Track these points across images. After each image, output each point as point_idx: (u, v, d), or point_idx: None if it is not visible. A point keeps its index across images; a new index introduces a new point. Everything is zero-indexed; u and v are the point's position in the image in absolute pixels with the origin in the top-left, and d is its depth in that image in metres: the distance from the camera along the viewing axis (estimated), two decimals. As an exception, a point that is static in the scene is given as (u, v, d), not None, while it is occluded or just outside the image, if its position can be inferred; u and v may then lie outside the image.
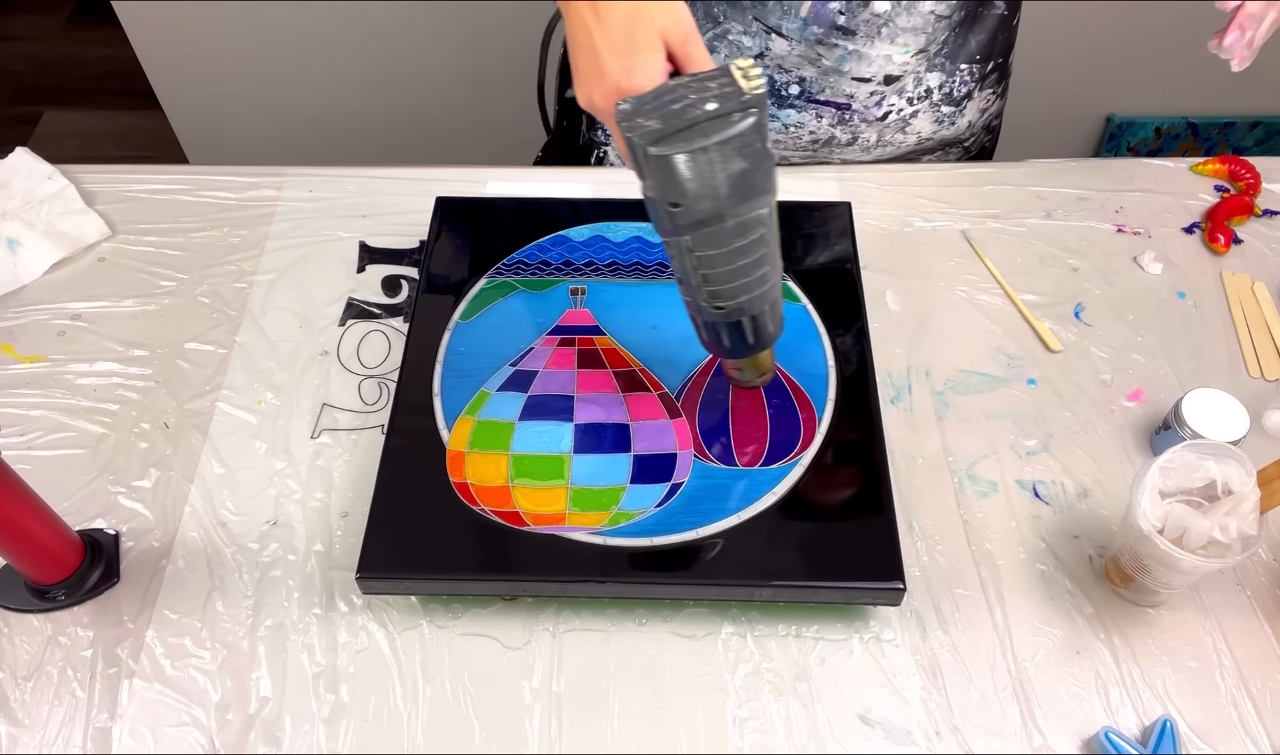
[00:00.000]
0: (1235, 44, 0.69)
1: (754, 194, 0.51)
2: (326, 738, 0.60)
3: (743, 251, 0.53)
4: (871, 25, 0.80)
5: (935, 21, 0.81)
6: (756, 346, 0.61)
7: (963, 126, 0.92)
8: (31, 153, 0.89)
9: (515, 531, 0.63)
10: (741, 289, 0.55)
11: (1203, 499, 0.60)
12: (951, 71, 0.87)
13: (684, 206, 0.50)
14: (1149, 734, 0.60)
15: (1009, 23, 0.88)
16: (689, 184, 0.49)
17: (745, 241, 0.53)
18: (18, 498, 0.60)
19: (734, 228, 0.52)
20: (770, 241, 0.54)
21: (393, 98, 1.66)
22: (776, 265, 0.56)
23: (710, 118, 0.48)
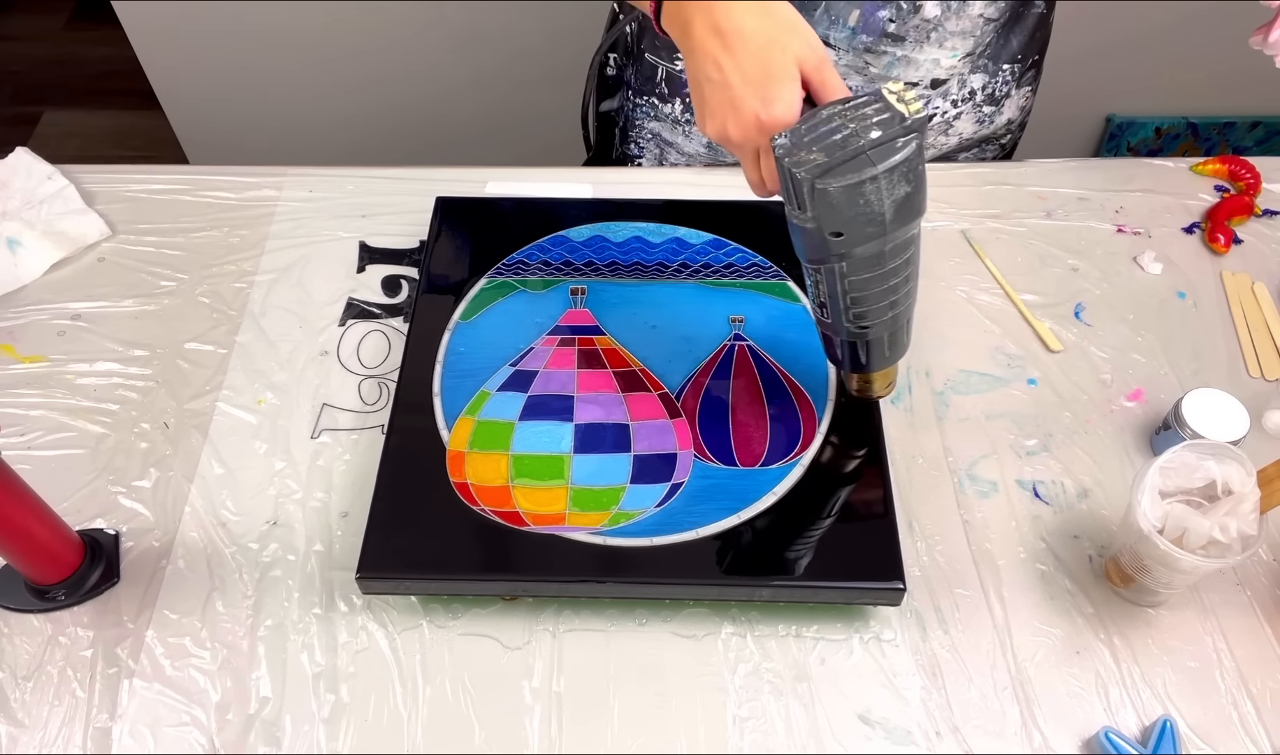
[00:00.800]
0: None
1: (913, 215, 0.51)
2: (326, 738, 0.60)
3: (896, 271, 0.54)
4: (921, 30, 0.79)
5: (984, 25, 0.81)
6: (892, 358, 0.62)
7: (1000, 124, 0.92)
8: (31, 153, 0.89)
9: (515, 531, 0.63)
10: (888, 307, 0.56)
11: (1203, 499, 0.60)
12: (994, 72, 0.87)
13: (846, 235, 0.51)
14: (1149, 734, 0.60)
15: (1046, 21, 0.88)
16: (854, 214, 0.50)
17: (899, 261, 0.53)
18: (18, 498, 0.60)
19: (891, 251, 0.52)
20: (918, 256, 0.55)
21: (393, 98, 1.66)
22: (918, 276, 0.57)
23: (875, 146, 0.48)
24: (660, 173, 0.92)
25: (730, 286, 0.76)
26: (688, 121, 0.90)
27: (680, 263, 0.78)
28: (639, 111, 0.92)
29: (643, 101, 0.91)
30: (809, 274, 0.57)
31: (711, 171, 0.91)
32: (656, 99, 0.90)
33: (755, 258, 0.78)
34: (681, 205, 0.82)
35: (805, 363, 0.71)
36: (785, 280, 0.76)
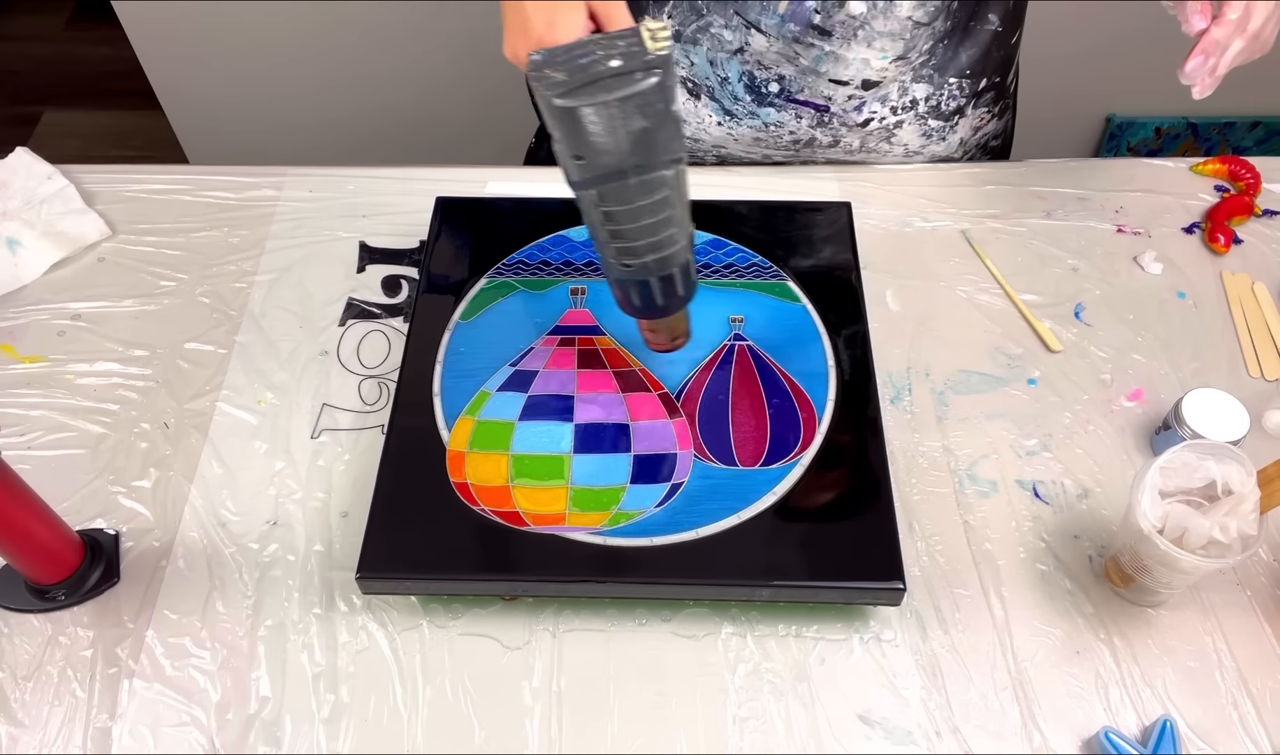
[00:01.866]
0: (1198, 71, 0.66)
1: (657, 154, 0.52)
2: (326, 738, 0.60)
3: (648, 210, 0.55)
4: (848, 27, 0.79)
5: (914, 28, 0.80)
6: (665, 308, 0.62)
7: (954, 144, 0.91)
8: (31, 153, 0.89)
9: (515, 531, 0.63)
10: (648, 248, 0.57)
11: (1203, 499, 0.60)
12: (940, 84, 0.86)
13: (587, 160, 0.52)
14: (1149, 734, 0.60)
15: (1005, 41, 0.87)
16: (591, 138, 0.51)
17: (649, 201, 0.54)
18: (18, 498, 0.60)
19: (636, 186, 0.53)
20: (676, 204, 0.56)
21: (393, 98, 1.66)
22: (685, 228, 0.58)
23: (614, 74, 0.50)
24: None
25: (730, 286, 0.76)
26: None
27: (680, 263, 0.78)
28: None
29: None
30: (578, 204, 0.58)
31: (711, 171, 0.91)
32: None
33: (755, 258, 0.78)
34: (681, 205, 0.82)
35: (805, 363, 0.71)
36: (785, 280, 0.76)
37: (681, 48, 0.85)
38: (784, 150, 0.90)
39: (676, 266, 0.60)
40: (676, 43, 0.84)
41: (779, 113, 0.87)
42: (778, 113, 0.87)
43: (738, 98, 0.86)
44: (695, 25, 0.84)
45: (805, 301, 0.75)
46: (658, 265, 0.59)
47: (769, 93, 0.85)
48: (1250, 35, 0.66)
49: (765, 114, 0.87)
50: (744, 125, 0.88)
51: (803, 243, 0.79)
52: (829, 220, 0.80)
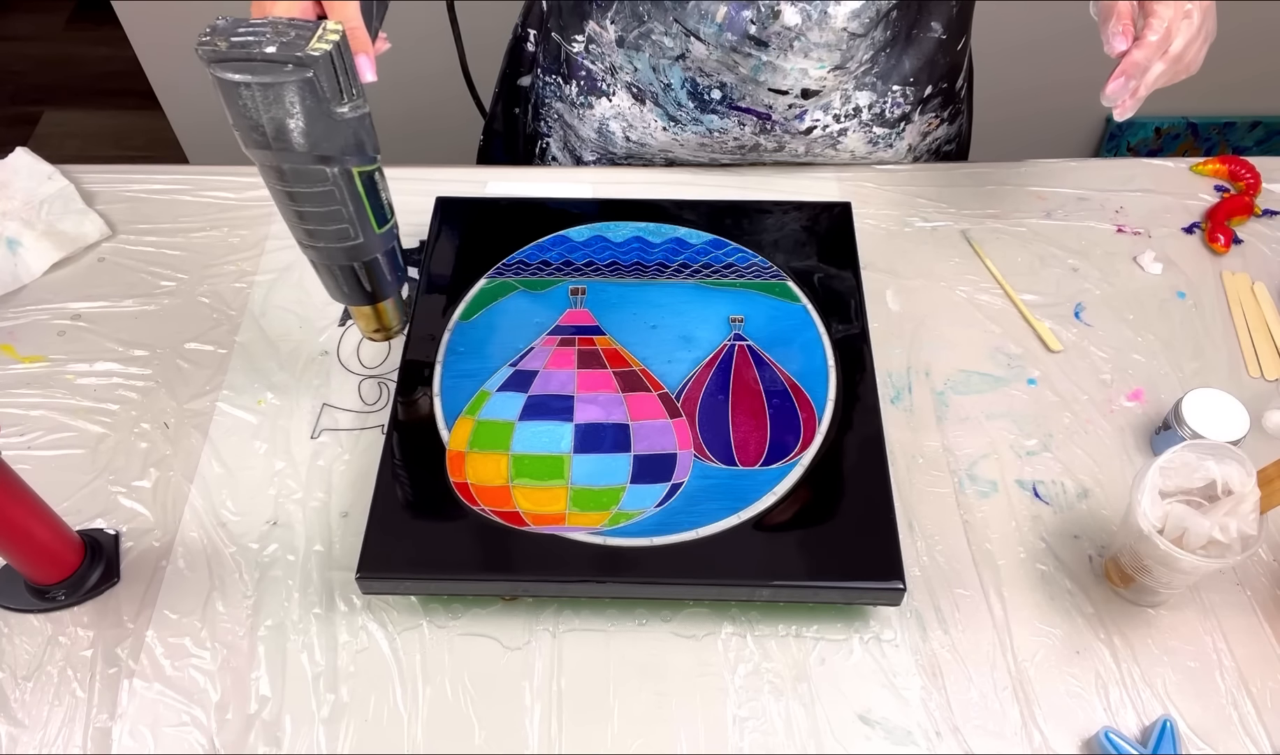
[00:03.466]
0: (1118, 92, 0.65)
1: (298, 148, 0.53)
2: (326, 738, 0.60)
3: (310, 198, 0.55)
4: (783, 38, 0.78)
5: (850, 39, 0.79)
6: (352, 298, 0.63)
7: (902, 150, 0.91)
8: (31, 153, 0.89)
9: (515, 531, 0.63)
10: (320, 236, 0.58)
11: (1203, 499, 0.60)
12: (883, 92, 0.85)
13: (239, 132, 0.53)
14: (1149, 734, 0.60)
15: (950, 47, 0.86)
16: (233, 112, 0.52)
17: (310, 190, 0.55)
18: (18, 498, 0.60)
19: (292, 174, 0.54)
20: (348, 204, 0.56)
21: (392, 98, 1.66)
22: (365, 230, 0.58)
23: (264, 59, 0.50)
24: (660, 173, 0.92)
25: (730, 286, 0.76)
26: (582, 105, 0.90)
27: (680, 263, 0.78)
28: (547, 90, 0.94)
29: (550, 80, 0.93)
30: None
31: (711, 172, 0.91)
32: (560, 78, 0.91)
33: (755, 258, 0.78)
34: (681, 205, 0.82)
35: (805, 363, 0.71)
36: (785, 280, 0.76)
37: (625, 53, 0.85)
38: (730, 155, 0.90)
39: (356, 262, 0.60)
40: (620, 48, 0.85)
41: (722, 120, 0.86)
42: (721, 120, 0.86)
43: (681, 104, 0.86)
44: (637, 31, 0.83)
45: (805, 301, 0.75)
46: (333, 255, 0.59)
47: (711, 100, 0.85)
48: (1171, 58, 0.65)
49: (709, 120, 0.87)
50: (689, 131, 0.88)
51: (803, 243, 0.79)
52: (829, 220, 0.80)
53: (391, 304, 0.65)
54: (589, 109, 0.90)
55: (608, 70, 0.87)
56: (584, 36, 0.87)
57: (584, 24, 0.86)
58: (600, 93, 0.89)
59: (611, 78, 0.87)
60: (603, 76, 0.88)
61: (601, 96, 0.89)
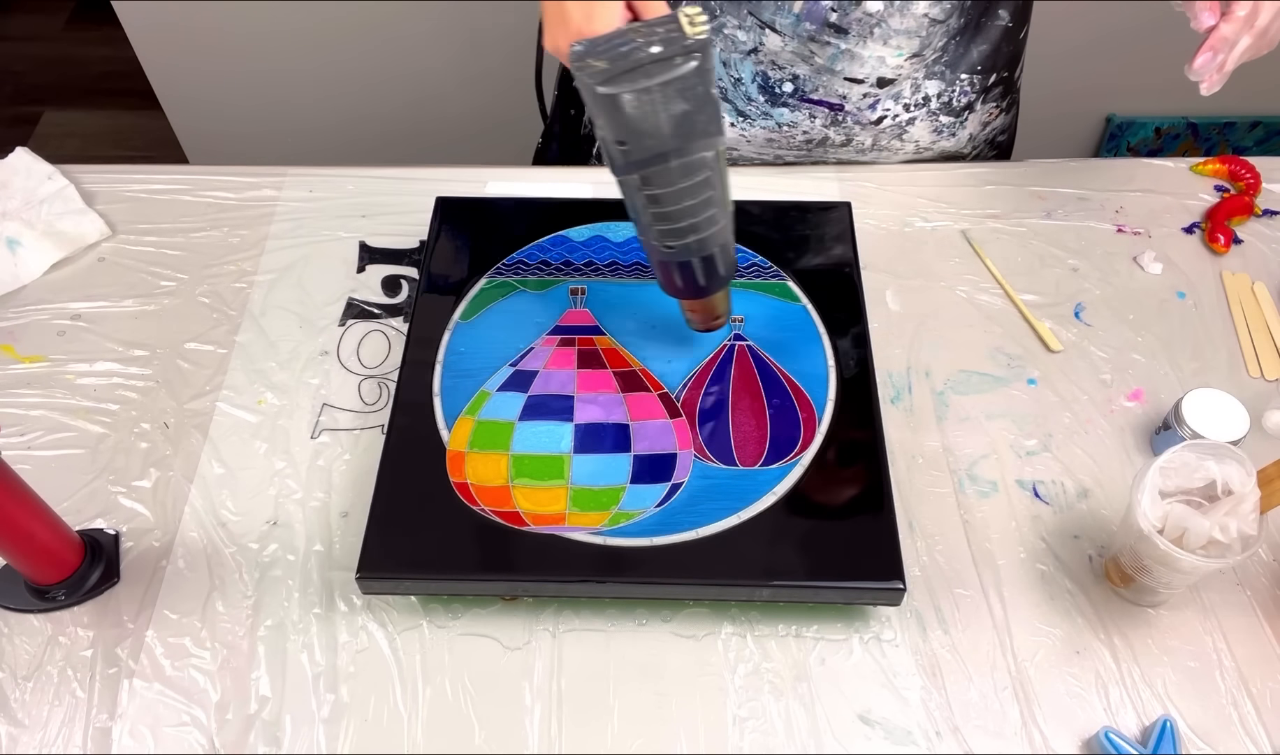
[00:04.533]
0: (1206, 67, 0.67)
1: (697, 136, 0.54)
2: (326, 738, 0.60)
3: (689, 192, 0.56)
4: (864, 24, 0.79)
5: (930, 25, 0.80)
6: (708, 288, 0.64)
7: (964, 139, 0.91)
8: (31, 153, 0.89)
9: (515, 531, 0.63)
10: (690, 229, 0.58)
11: (1203, 499, 0.60)
12: (951, 81, 0.86)
13: (630, 145, 0.53)
14: (1149, 734, 0.60)
15: (1014, 36, 0.87)
16: (633, 123, 0.52)
17: (691, 182, 0.55)
18: (18, 498, 0.60)
19: (679, 168, 0.55)
20: (717, 184, 0.57)
21: (393, 98, 1.66)
22: (725, 208, 0.60)
23: (654, 60, 0.51)
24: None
25: (730, 286, 0.76)
26: None
27: (680, 263, 0.78)
28: None
29: None
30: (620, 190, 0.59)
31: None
32: None
33: (755, 258, 0.78)
34: (681, 205, 0.82)
35: (805, 363, 0.71)
36: (785, 280, 0.76)
37: None
38: (796, 150, 0.91)
39: (717, 246, 0.61)
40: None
41: (793, 113, 0.87)
42: (791, 113, 0.87)
43: (751, 98, 0.86)
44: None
45: (805, 301, 0.75)
46: (699, 245, 0.60)
47: (783, 93, 0.86)
48: (1258, 32, 0.66)
49: (779, 114, 0.87)
50: (757, 126, 0.88)
51: (803, 242, 0.79)
52: (829, 220, 0.80)
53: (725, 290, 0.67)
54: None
55: None
56: None
57: None
58: None
59: None
60: None
61: None
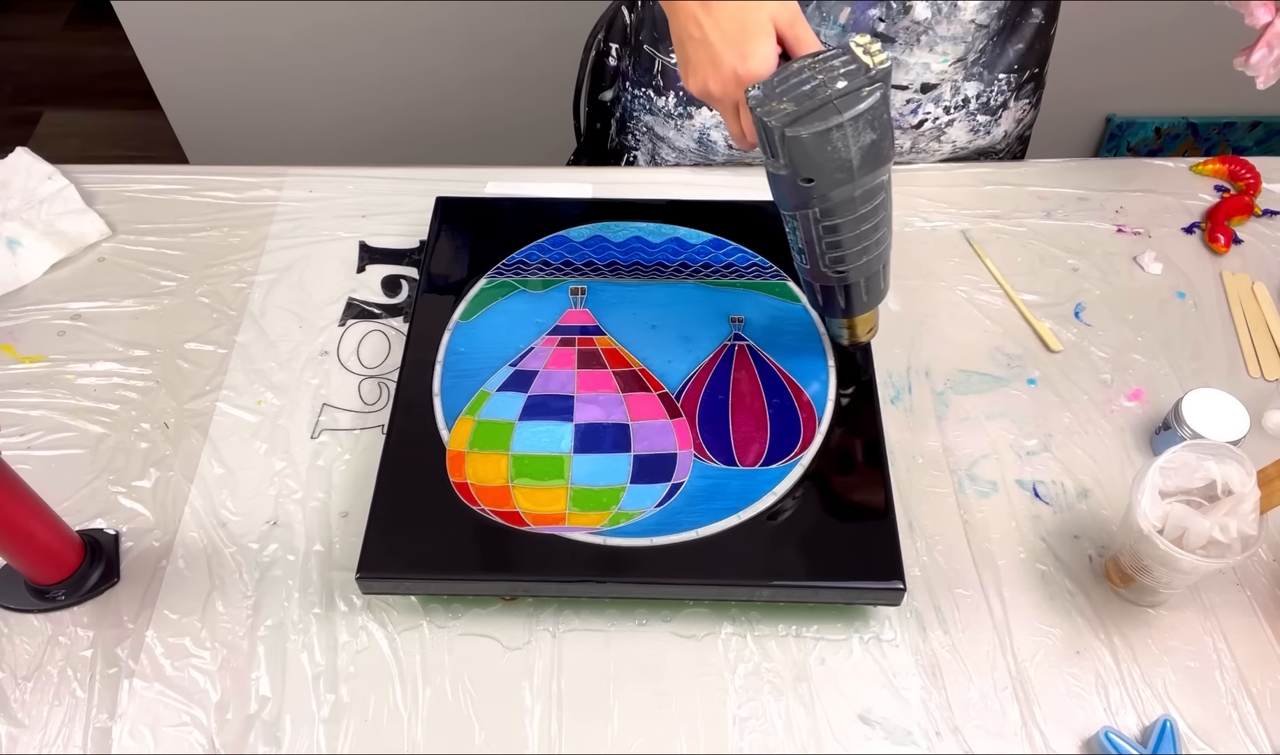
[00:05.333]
0: (1263, 62, 0.68)
1: (880, 162, 0.55)
2: (326, 738, 0.60)
3: (866, 217, 0.57)
4: (911, 32, 0.79)
5: (975, 31, 0.81)
6: (870, 303, 0.66)
7: (998, 136, 0.91)
8: (31, 153, 0.89)
9: (515, 531, 0.63)
10: (862, 252, 0.60)
11: (1203, 499, 0.60)
12: (990, 81, 0.86)
13: (818, 181, 0.54)
14: (1149, 734, 0.60)
15: (1046, 32, 0.88)
16: (823, 160, 0.53)
17: (869, 207, 0.57)
18: (18, 498, 0.60)
19: (861, 196, 0.56)
20: (888, 205, 0.58)
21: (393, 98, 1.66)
22: (890, 224, 0.61)
23: (841, 95, 0.52)
24: (660, 173, 0.92)
25: (730, 286, 0.76)
26: (680, 115, 0.90)
27: (680, 263, 0.78)
28: (635, 104, 0.93)
29: (640, 93, 0.92)
30: (788, 222, 0.60)
31: (711, 171, 0.91)
32: (652, 92, 0.91)
33: (755, 258, 0.78)
34: (681, 205, 0.82)
35: (805, 363, 0.71)
36: (785, 280, 0.76)
37: None
38: None
39: (883, 264, 0.62)
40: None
41: None
42: None
43: None
44: None
45: (805, 301, 0.75)
46: (869, 265, 0.61)
47: None
48: None
49: None
50: None
51: (803, 243, 0.79)
52: (829, 220, 0.80)
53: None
54: (688, 119, 0.89)
55: None
56: None
57: None
58: (699, 102, 0.88)
59: None
60: None
61: (702, 106, 0.88)
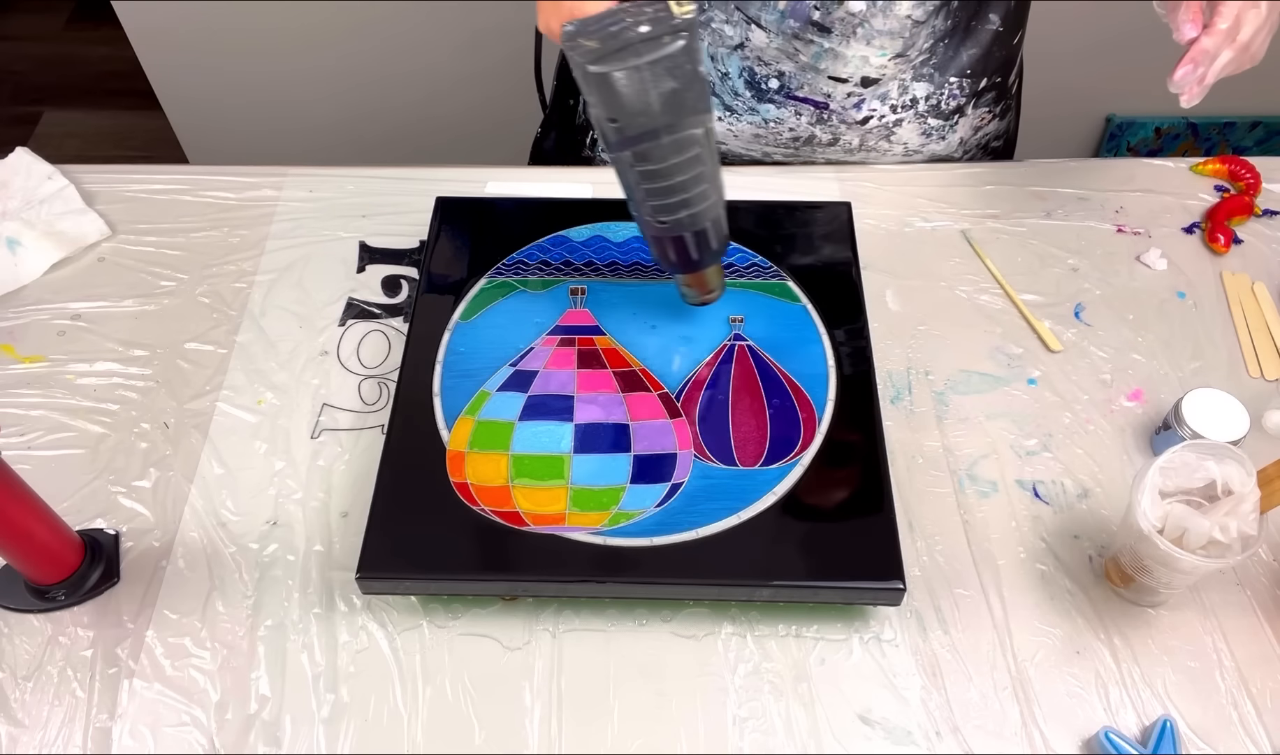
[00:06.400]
0: (1186, 79, 0.66)
1: (686, 113, 0.56)
2: (326, 738, 0.60)
3: (680, 167, 0.58)
4: (847, 24, 0.79)
5: (913, 26, 0.80)
6: (701, 261, 0.66)
7: (954, 143, 0.91)
8: (31, 153, 0.89)
9: (515, 531, 0.63)
10: (682, 204, 0.60)
11: (1203, 499, 0.60)
12: (940, 84, 0.86)
13: (622, 122, 0.55)
14: (1149, 734, 0.60)
15: (1006, 41, 0.87)
16: (624, 100, 0.54)
17: (682, 158, 0.58)
18: (18, 498, 0.60)
19: (670, 144, 0.57)
20: (707, 161, 0.59)
21: (393, 98, 1.66)
22: (716, 184, 0.62)
23: (643, 39, 0.53)
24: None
25: (730, 286, 0.76)
26: None
27: (680, 263, 0.78)
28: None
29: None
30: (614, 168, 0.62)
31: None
32: None
33: (755, 258, 0.78)
34: (681, 205, 0.82)
35: (805, 363, 0.71)
36: (785, 280, 0.76)
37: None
38: (783, 147, 0.90)
39: (709, 221, 0.63)
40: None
41: (778, 109, 0.87)
42: (777, 109, 0.87)
43: (738, 93, 0.86)
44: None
45: (805, 301, 0.75)
46: (691, 220, 0.62)
47: (769, 89, 0.86)
48: (1240, 46, 0.66)
49: (765, 110, 0.87)
50: (744, 121, 0.88)
51: (803, 242, 0.79)
52: (829, 220, 0.80)
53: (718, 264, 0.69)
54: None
55: None
56: None
57: None
58: None
59: None
60: None
61: None
